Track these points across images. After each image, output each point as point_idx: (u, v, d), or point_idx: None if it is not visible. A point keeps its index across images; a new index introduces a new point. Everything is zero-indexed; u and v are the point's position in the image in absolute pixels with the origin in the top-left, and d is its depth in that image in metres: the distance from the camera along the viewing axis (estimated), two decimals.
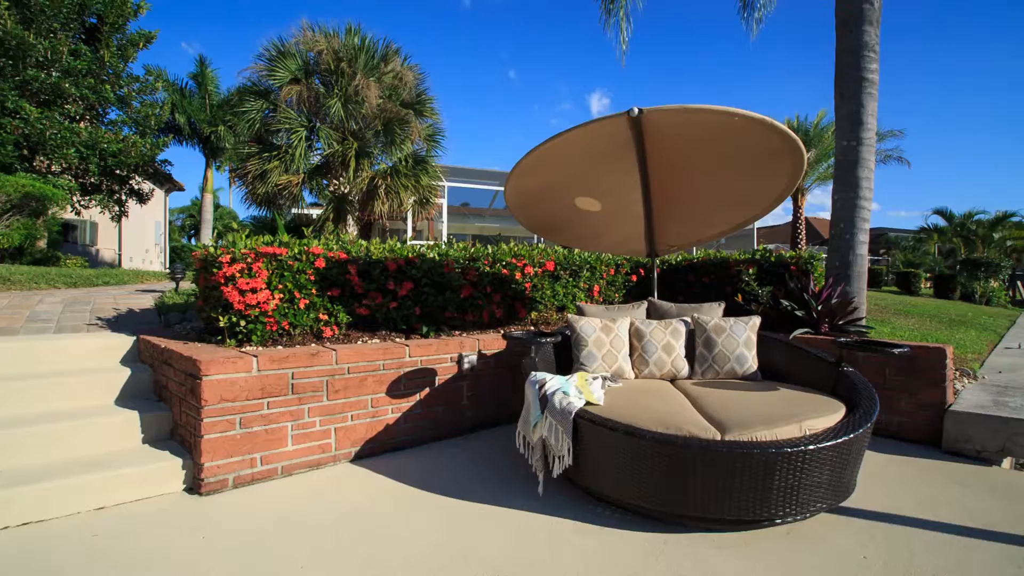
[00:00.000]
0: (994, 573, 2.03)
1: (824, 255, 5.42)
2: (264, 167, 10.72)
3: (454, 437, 3.76)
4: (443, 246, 4.60)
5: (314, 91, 11.09)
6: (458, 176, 21.53)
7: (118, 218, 12.40)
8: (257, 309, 3.35)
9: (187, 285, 6.58)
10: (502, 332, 3.57)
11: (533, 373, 2.99)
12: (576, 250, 5.42)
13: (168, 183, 19.18)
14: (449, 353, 3.74)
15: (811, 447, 2.23)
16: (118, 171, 11.45)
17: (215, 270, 3.28)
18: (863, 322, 4.69)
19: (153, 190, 13.74)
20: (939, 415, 3.51)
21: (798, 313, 4.50)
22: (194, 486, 2.79)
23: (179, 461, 2.79)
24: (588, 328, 3.41)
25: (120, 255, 18.68)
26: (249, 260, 3.35)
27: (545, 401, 2.74)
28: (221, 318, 3.28)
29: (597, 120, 3.06)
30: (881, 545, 2.25)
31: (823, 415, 2.49)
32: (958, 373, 4.39)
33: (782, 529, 2.38)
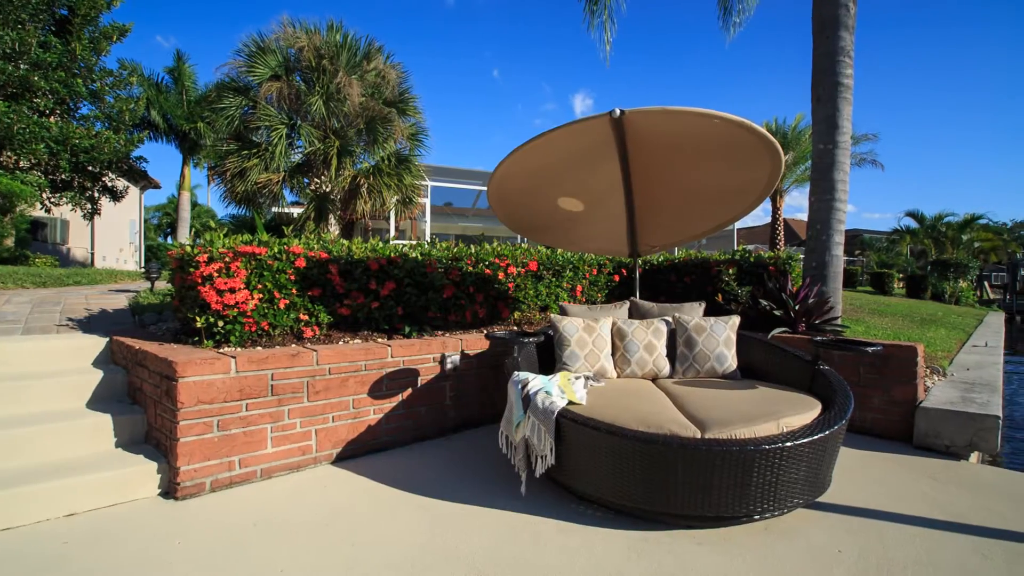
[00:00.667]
0: (962, 563, 2.10)
1: (802, 256, 5.54)
2: (243, 165, 10.53)
3: (437, 437, 3.75)
4: (426, 246, 4.57)
5: (295, 88, 10.94)
6: (441, 175, 21.45)
7: (90, 216, 12.06)
8: (235, 309, 3.29)
9: (163, 285, 6.43)
10: (485, 332, 3.57)
11: (516, 373, 2.99)
12: (559, 250, 5.44)
13: (143, 180, 18.71)
14: (432, 353, 3.73)
15: (788, 444, 2.28)
16: (90, 167, 11.13)
17: (192, 269, 3.21)
18: (839, 321, 4.80)
19: (128, 187, 13.37)
20: (911, 411, 3.61)
21: (776, 313, 4.59)
22: (170, 490, 2.72)
23: (154, 465, 2.73)
24: (571, 328, 3.43)
25: (93, 254, 18.17)
26: (227, 259, 3.29)
27: (528, 401, 2.74)
28: (198, 318, 3.21)
29: (580, 121, 3.08)
30: (855, 539, 2.30)
31: (800, 413, 2.54)
32: (929, 371, 4.52)
33: (760, 525, 2.42)
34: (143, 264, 20.22)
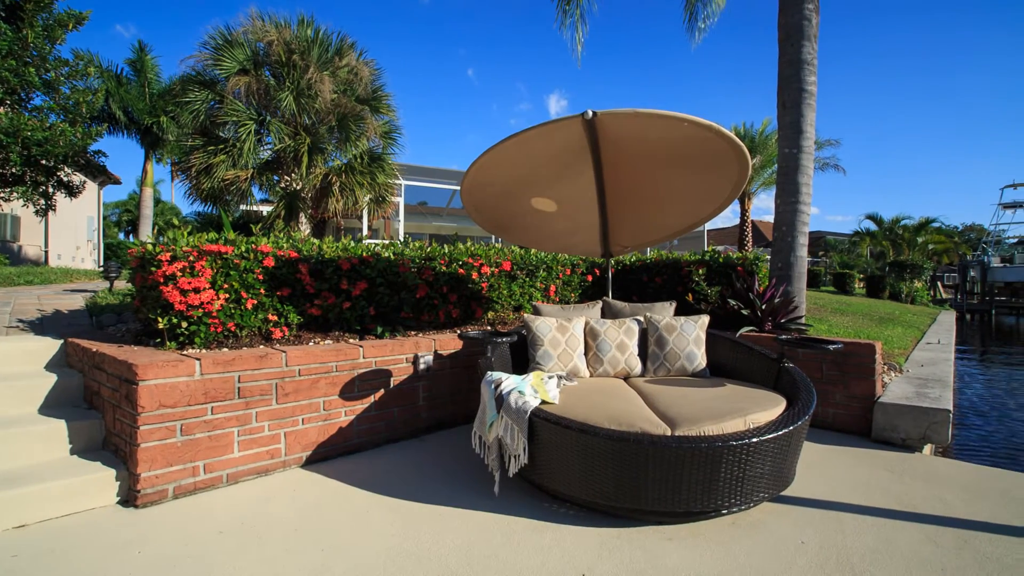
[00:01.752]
0: (916, 551, 2.20)
1: (768, 257, 5.70)
2: (210, 161, 10.21)
3: (410, 438, 3.71)
4: (399, 245, 4.53)
5: (264, 83, 10.67)
6: (415, 175, 21.26)
7: (44, 212, 11.48)
8: (200, 310, 3.19)
9: (123, 285, 6.18)
10: (458, 332, 3.56)
11: (489, 373, 2.99)
12: (533, 250, 5.46)
13: (102, 175, 17.95)
14: (404, 354, 3.69)
15: (754, 440, 2.34)
16: (44, 161, 10.59)
17: (154, 268, 3.10)
18: (803, 320, 4.96)
19: (85, 183, 12.77)
20: (869, 407, 3.76)
21: (744, 312, 4.71)
22: (129, 498, 2.62)
23: (112, 472, 2.62)
24: (544, 328, 3.44)
25: (47, 252, 17.33)
26: (192, 258, 3.19)
27: (501, 401, 2.74)
28: (160, 319, 3.10)
29: (553, 121, 3.10)
30: (817, 530, 2.39)
31: (766, 409, 2.61)
32: (886, 367, 4.71)
33: (728, 519, 2.49)
34: (102, 263, 19.40)
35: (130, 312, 4.27)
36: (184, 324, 3.14)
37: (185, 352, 3.02)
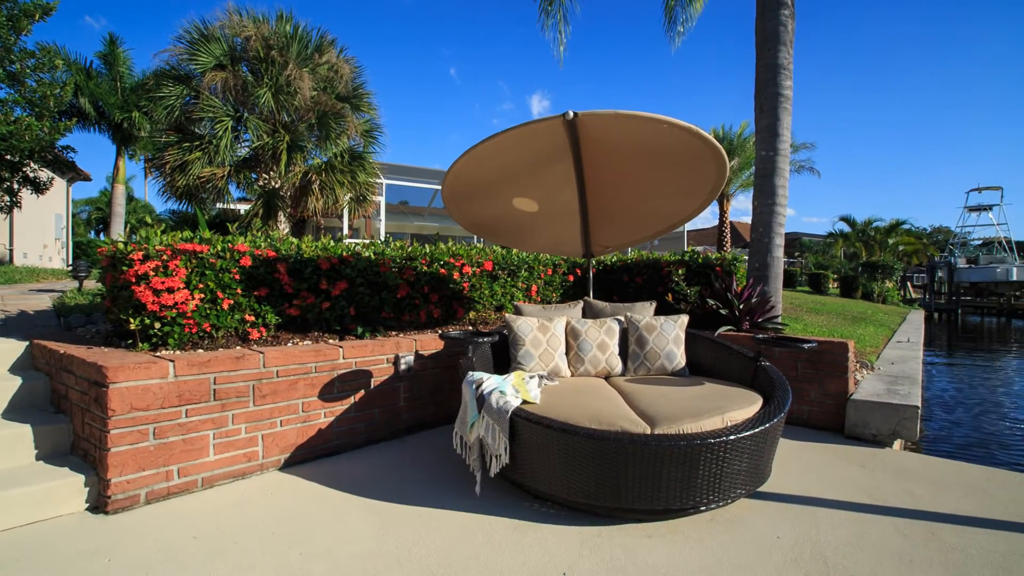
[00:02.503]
0: (886, 543, 2.26)
1: (746, 257, 5.80)
2: (185, 158, 9.96)
3: (391, 439, 3.68)
4: (379, 244, 4.49)
5: (241, 79, 10.45)
6: (397, 174, 21.07)
7: (9, 209, 11.07)
8: (174, 310, 3.12)
9: (92, 284, 6.00)
10: (440, 332, 3.54)
11: (470, 373, 2.98)
12: (514, 250, 5.46)
13: (71, 172, 17.38)
14: (385, 354, 3.66)
15: (732, 437, 2.38)
16: (8, 156, 10.23)
17: (125, 268, 3.01)
18: (779, 319, 5.07)
19: (53, 179, 12.37)
20: (842, 404, 3.85)
21: (722, 312, 4.79)
22: (99, 504, 2.54)
23: (81, 478, 2.54)
24: (525, 327, 3.45)
25: (12, 251, 16.72)
26: (165, 257, 3.11)
27: (482, 401, 2.74)
28: (132, 320, 3.02)
29: (534, 122, 3.11)
30: (793, 525, 2.44)
31: (743, 407, 2.66)
32: (858, 365, 4.84)
33: (706, 516, 2.52)
34: (70, 262, 18.78)
35: (100, 313, 4.15)
36: (157, 325, 3.06)
37: (158, 353, 2.95)
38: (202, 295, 3.26)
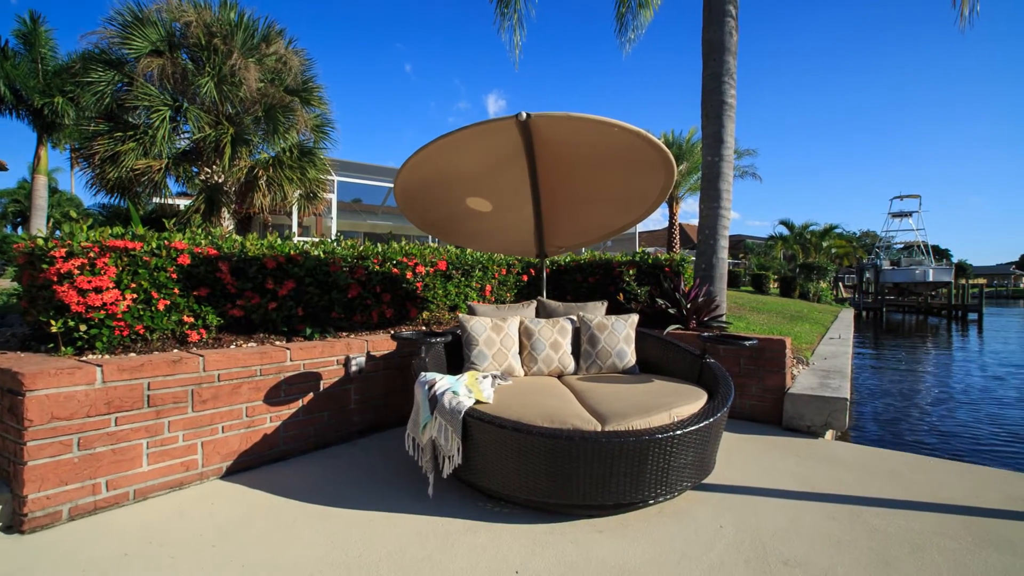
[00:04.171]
0: (817, 527, 2.41)
1: (693, 258, 6.03)
2: (117, 148, 9.31)
3: (341, 443, 3.59)
4: (329, 243, 4.36)
5: (181, 67, 9.88)
6: (349, 171, 20.54)
7: None
8: (103, 311, 2.91)
9: (7, 283, 5.51)
10: (392, 333, 3.48)
11: (423, 374, 2.95)
12: (469, 250, 5.44)
13: None
14: (335, 355, 3.56)
15: (678, 432, 2.47)
16: None
17: (45, 266, 2.79)
18: (724, 318, 5.29)
19: None
20: (780, 397, 4.07)
21: (671, 311, 4.95)
22: (14, 523, 2.34)
23: None
24: (479, 327, 3.44)
25: None
26: (92, 255, 2.90)
27: (435, 401, 2.72)
28: (54, 322, 2.79)
29: (488, 121, 3.10)
30: (735, 514, 2.55)
31: (689, 403, 2.76)
32: (795, 361, 5.13)
33: (655, 509, 2.60)
34: None
35: (16, 315, 3.82)
36: (83, 327, 2.85)
37: (84, 358, 2.74)
38: (135, 295, 3.07)
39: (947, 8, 6.25)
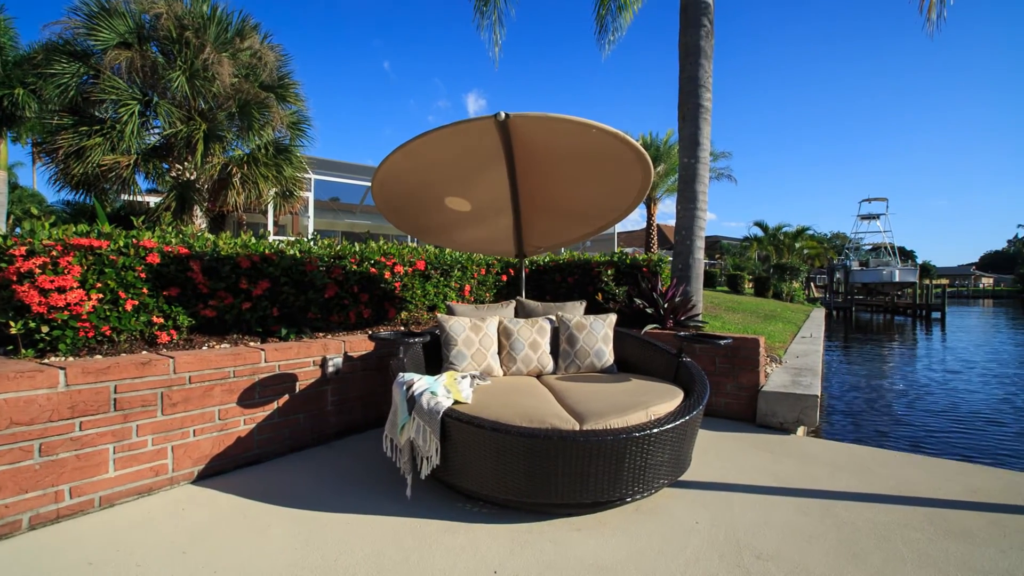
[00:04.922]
0: (789, 521, 2.47)
1: (670, 259, 6.11)
2: (82, 143, 8.99)
3: (318, 445, 3.53)
4: (305, 242, 4.29)
5: (151, 60, 9.59)
6: (327, 169, 20.22)
7: None
8: (66, 312, 2.81)
9: None
10: (370, 333, 3.44)
11: (401, 374, 2.92)
12: (447, 250, 5.42)
13: None
14: (312, 356, 3.50)
15: (655, 430, 2.50)
16: None
17: (4, 265, 2.68)
18: (700, 317, 5.38)
19: None
20: (754, 395, 4.16)
21: (648, 310, 5.02)
22: None
23: None
24: (458, 327, 3.43)
25: None
26: (55, 253, 2.80)
27: (413, 402, 2.70)
28: (13, 324, 2.68)
29: (466, 121, 3.09)
30: (710, 510, 2.60)
31: (665, 401, 2.80)
32: (769, 359, 5.25)
33: (632, 506, 2.63)
34: None
35: None
36: (45, 328, 2.75)
37: (46, 360, 2.64)
38: (101, 295, 2.97)
39: (914, 14, 6.40)
